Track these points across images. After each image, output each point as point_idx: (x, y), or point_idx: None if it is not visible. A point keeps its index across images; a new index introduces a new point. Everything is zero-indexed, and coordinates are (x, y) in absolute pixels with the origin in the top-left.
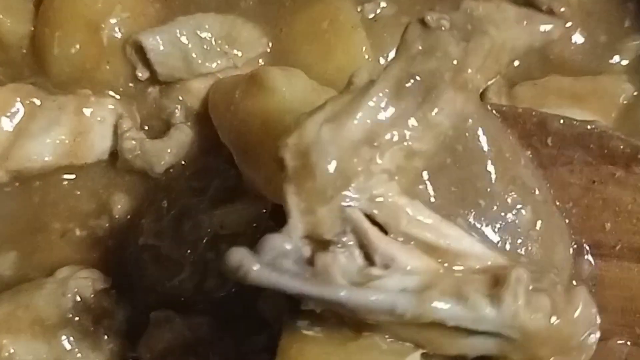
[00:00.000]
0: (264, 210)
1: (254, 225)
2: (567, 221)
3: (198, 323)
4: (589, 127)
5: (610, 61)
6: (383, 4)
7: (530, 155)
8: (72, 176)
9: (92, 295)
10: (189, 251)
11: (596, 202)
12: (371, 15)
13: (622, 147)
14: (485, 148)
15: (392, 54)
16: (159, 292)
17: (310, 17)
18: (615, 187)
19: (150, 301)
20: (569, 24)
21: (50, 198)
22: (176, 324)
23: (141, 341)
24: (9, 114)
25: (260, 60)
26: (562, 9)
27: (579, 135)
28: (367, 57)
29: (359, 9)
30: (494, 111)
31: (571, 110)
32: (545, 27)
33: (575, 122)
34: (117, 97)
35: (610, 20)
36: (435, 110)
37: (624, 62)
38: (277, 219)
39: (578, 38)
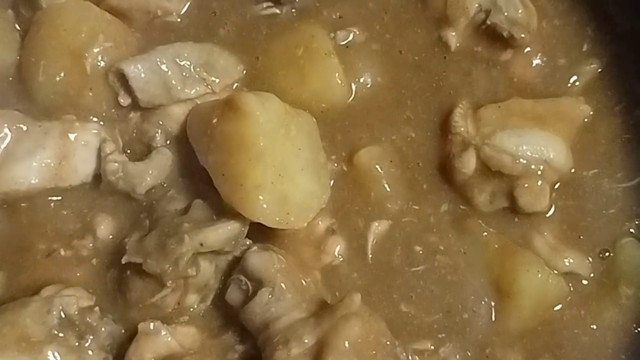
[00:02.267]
0: (242, 229)
1: (233, 242)
2: None
3: (184, 334)
4: None
5: (569, 83)
6: (355, 32)
7: None
8: (57, 198)
9: (77, 312)
10: (170, 268)
11: None
12: (343, 42)
13: None
14: None
15: (363, 79)
16: (142, 308)
17: (286, 45)
18: None
19: (133, 317)
20: (528, 49)
21: (36, 219)
22: (163, 334)
23: (129, 352)
24: None
25: (237, 86)
26: (522, 35)
27: None
28: (339, 82)
29: (332, 36)
30: None
31: (533, 131)
32: None
33: None
34: (100, 122)
35: (569, 44)
36: None
37: (582, 84)
38: (255, 236)
39: (538, 62)
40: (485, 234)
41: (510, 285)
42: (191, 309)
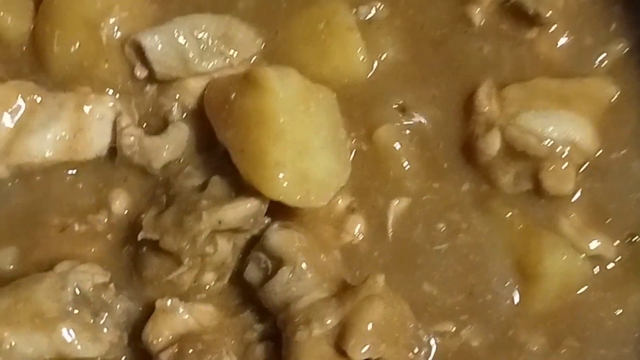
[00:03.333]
0: (262, 207)
1: (251, 221)
2: None
3: (202, 312)
4: None
5: (596, 63)
6: (377, 7)
7: None
8: (72, 172)
9: (91, 289)
10: (187, 246)
11: None
12: (366, 17)
13: None
14: None
15: (385, 55)
16: (157, 285)
17: (306, 19)
18: None
19: (148, 294)
20: (554, 28)
21: (50, 193)
22: (181, 312)
23: (146, 329)
24: (10, 110)
25: (256, 60)
26: (548, 13)
27: None
28: (362, 58)
29: (353, 11)
30: None
31: (559, 112)
32: None
33: None
34: (116, 95)
35: (596, 23)
36: None
37: (609, 64)
38: (273, 214)
39: (564, 41)
40: (510, 214)
41: (534, 266)
42: (207, 287)
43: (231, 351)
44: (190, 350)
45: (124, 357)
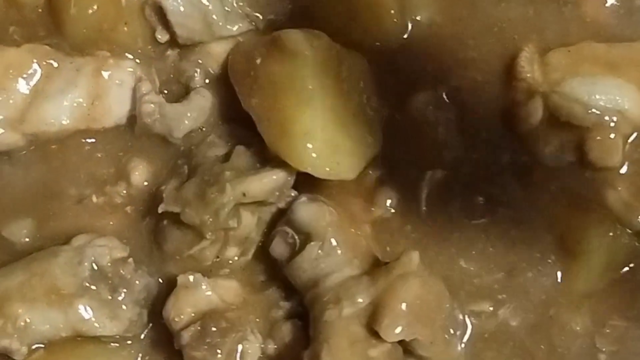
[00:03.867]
0: (289, 179)
1: (277, 193)
2: None
3: (226, 288)
4: None
5: None
6: None
7: None
8: (90, 140)
9: (109, 264)
10: (210, 219)
11: None
12: None
13: None
14: None
15: (419, 17)
16: (179, 260)
17: None
18: None
19: (169, 269)
20: None
21: (66, 163)
22: (203, 288)
23: (167, 306)
24: (25, 75)
25: (283, 23)
26: None
27: None
28: (394, 19)
29: None
30: None
31: (605, 79)
32: None
33: None
34: (136, 59)
35: None
36: None
37: None
38: (300, 187)
39: (612, 1)
40: (552, 187)
41: (578, 243)
42: (231, 262)
43: (256, 329)
44: (214, 329)
45: (143, 335)
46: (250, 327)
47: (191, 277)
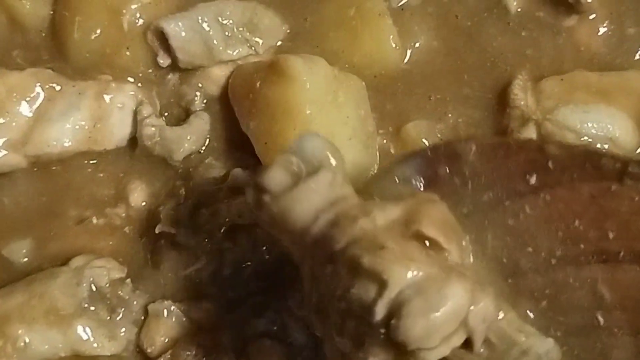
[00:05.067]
0: None
1: None
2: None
3: (199, 309)
4: (579, 148)
5: (637, 55)
6: None
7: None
8: (92, 162)
9: (108, 285)
10: (205, 240)
11: (598, 215)
12: (398, 4)
13: (613, 163)
14: None
15: (419, 44)
16: (175, 280)
17: (336, 5)
18: (612, 199)
19: (166, 290)
20: (594, 16)
21: (68, 184)
22: (175, 314)
23: (141, 334)
24: (28, 98)
25: (282, 48)
26: (589, 0)
27: (574, 156)
28: (394, 45)
29: None
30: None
31: (598, 107)
32: None
33: (570, 145)
34: (138, 83)
35: (639, 11)
36: None
37: None
38: None
39: (604, 30)
40: None
41: None
42: (224, 284)
43: (230, 349)
44: (188, 353)
45: None
46: (224, 348)
47: (162, 305)
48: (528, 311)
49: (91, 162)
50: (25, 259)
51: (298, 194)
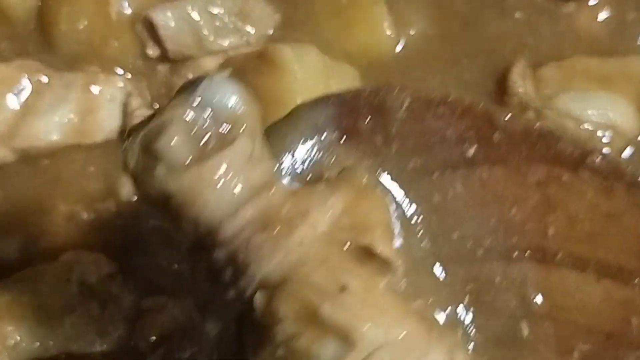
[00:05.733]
0: None
1: None
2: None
3: (193, 304)
4: (535, 126)
5: (639, 41)
6: None
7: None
8: (80, 156)
9: (98, 281)
10: None
11: (541, 205)
12: None
13: (571, 149)
14: None
15: (413, 31)
16: (168, 275)
17: None
18: (561, 190)
19: (159, 285)
20: (594, 1)
21: (57, 178)
22: (169, 309)
23: (135, 330)
24: (15, 91)
25: (274, 37)
26: None
27: (527, 133)
28: (388, 32)
29: None
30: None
31: (598, 94)
32: None
33: (528, 121)
34: (127, 75)
35: None
36: None
37: None
38: None
39: (605, 15)
40: None
41: None
42: None
43: None
44: (181, 348)
45: None
46: None
47: (155, 300)
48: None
49: (80, 155)
50: (15, 256)
51: (206, 172)
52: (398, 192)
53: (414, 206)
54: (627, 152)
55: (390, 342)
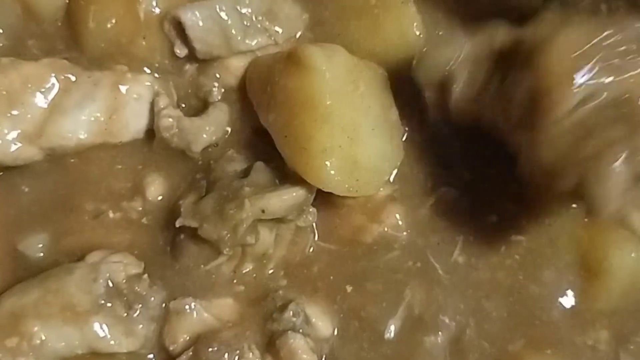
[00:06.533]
0: (309, 195)
1: (296, 211)
2: None
3: (221, 306)
4: None
5: None
6: None
7: None
8: (107, 154)
9: (124, 281)
10: (227, 235)
11: None
12: None
13: None
14: None
15: (443, 32)
16: (195, 276)
17: None
18: None
19: (185, 286)
20: None
21: (84, 177)
22: (196, 311)
23: (163, 333)
24: (43, 89)
25: (302, 37)
26: None
27: None
28: (417, 33)
29: None
30: None
31: None
32: None
33: None
34: (154, 74)
35: None
36: None
37: None
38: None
39: None
40: (574, 205)
41: (599, 263)
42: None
43: (254, 345)
44: (210, 349)
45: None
46: (248, 344)
47: (183, 302)
48: None
49: (107, 154)
50: (41, 254)
51: None
52: None
53: None
54: None
55: None
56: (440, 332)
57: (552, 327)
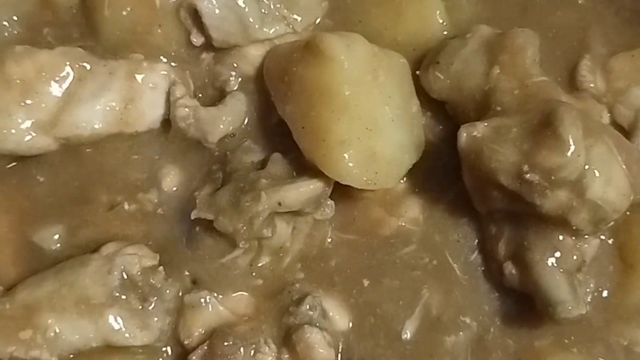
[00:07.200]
0: (326, 189)
1: (314, 204)
2: None
3: (236, 300)
4: None
5: None
6: None
7: None
8: (123, 144)
9: (139, 273)
10: (244, 228)
11: None
12: None
13: None
14: None
15: (467, 19)
16: (210, 269)
17: None
18: None
19: (201, 279)
20: None
21: (99, 168)
22: (212, 304)
23: (179, 327)
24: (57, 78)
25: (321, 26)
26: None
27: None
28: (441, 21)
29: None
30: None
31: None
32: None
33: None
34: (170, 62)
35: None
36: None
37: None
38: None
39: None
40: None
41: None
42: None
43: (270, 339)
44: (225, 344)
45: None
46: (264, 338)
47: (198, 296)
48: None
49: (123, 144)
50: (56, 246)
51: None
52: None
53: None
54: None
55: None
56: (461, 332)
57: (584, 323)
